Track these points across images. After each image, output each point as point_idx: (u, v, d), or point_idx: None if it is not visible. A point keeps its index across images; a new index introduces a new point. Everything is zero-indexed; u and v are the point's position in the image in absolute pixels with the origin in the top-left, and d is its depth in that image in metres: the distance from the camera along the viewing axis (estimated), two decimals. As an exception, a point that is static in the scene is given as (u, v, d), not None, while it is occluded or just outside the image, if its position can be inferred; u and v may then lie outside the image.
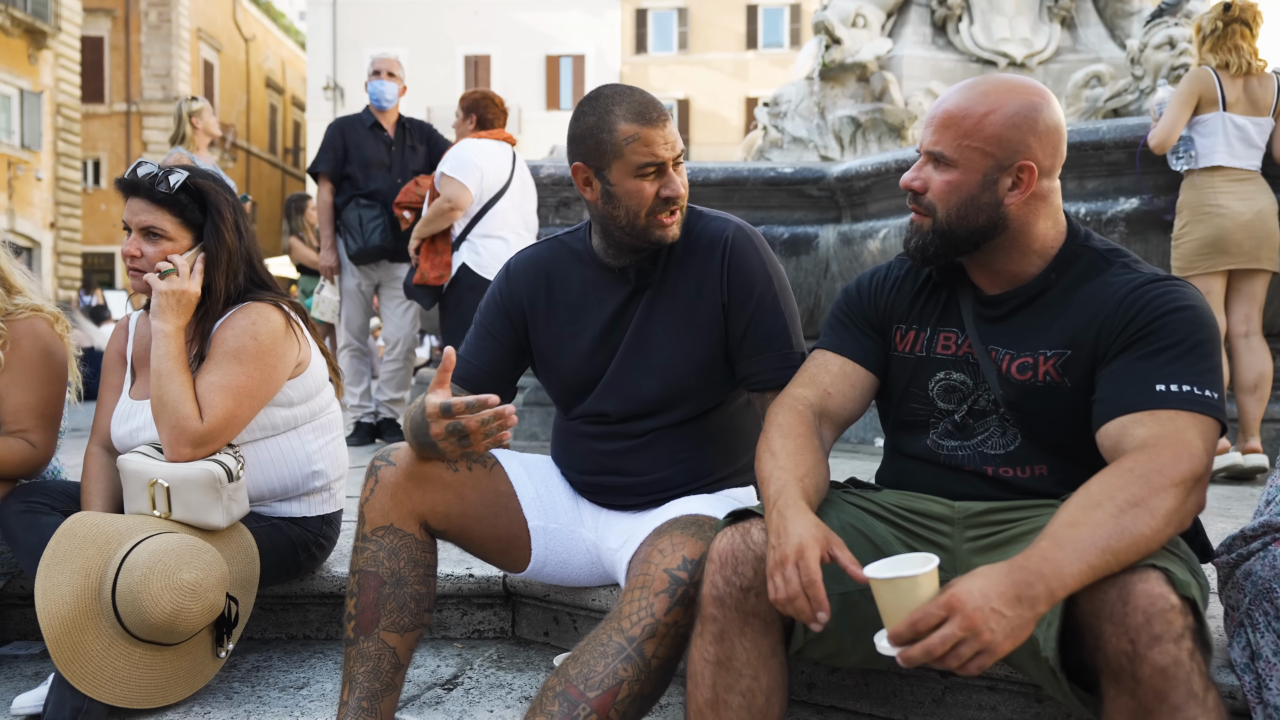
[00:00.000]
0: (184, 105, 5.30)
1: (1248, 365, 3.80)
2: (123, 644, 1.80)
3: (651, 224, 1.74)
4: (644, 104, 1.72)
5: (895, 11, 7.09)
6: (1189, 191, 3.79)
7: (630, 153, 1.69)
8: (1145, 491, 1.24)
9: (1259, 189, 3.74)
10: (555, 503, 1.92)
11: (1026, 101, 1.47)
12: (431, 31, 28.14)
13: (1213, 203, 3.70)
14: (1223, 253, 3.70)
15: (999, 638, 1.14)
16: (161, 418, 1.93)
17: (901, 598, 1.20)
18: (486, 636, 2.31)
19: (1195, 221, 3.75)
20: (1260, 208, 3.71)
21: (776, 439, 1.52)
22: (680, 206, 1.76)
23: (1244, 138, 3.73)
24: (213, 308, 2.06)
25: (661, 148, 1.70)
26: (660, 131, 1.70)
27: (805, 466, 1.48)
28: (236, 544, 1.98)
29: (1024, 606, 1.15)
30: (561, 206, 5.17)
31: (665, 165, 1.71)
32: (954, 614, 1.14)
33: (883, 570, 1.25)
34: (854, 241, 4.76)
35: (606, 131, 1.71)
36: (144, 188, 2.03)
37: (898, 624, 1.18)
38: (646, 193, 1.71)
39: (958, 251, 1.54)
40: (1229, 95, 3.74)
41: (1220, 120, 3.73)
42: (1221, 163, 3.71)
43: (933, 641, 1.14)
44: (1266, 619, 1.43)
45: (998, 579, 1.17)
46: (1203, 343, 1.39)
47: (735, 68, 28.42)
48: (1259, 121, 3.76)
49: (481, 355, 1.90)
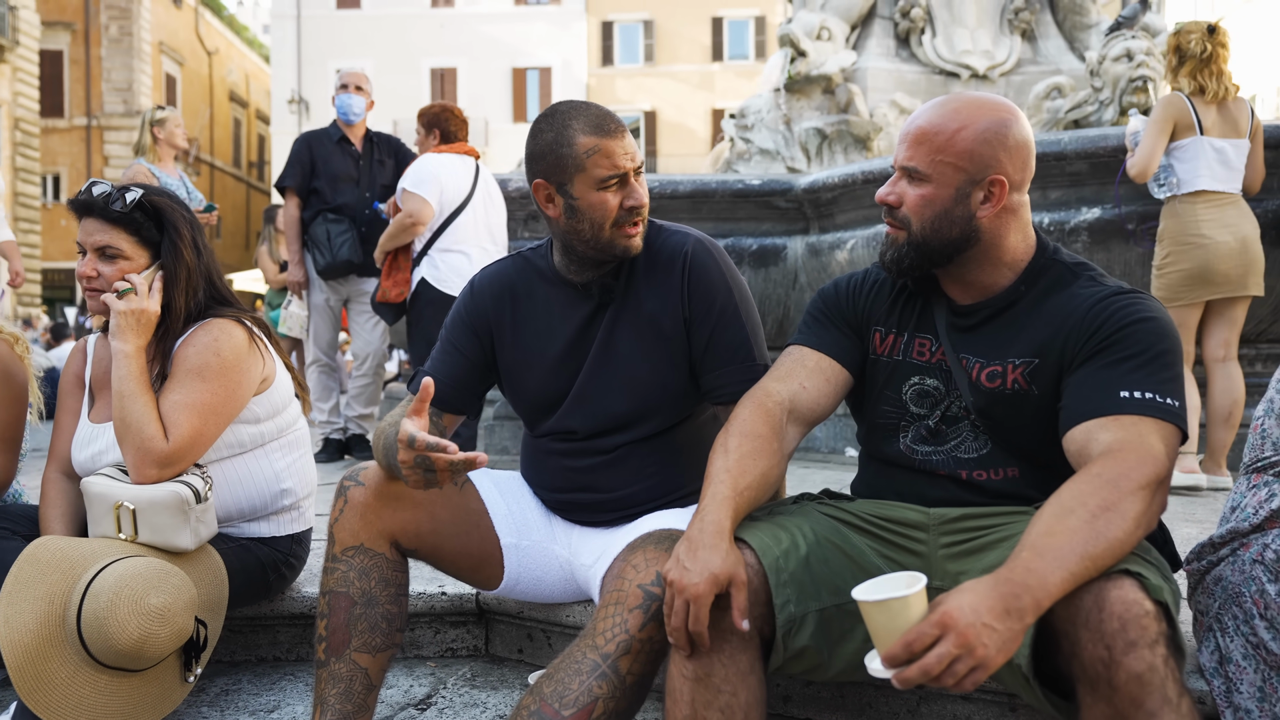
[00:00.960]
0: (147, 114, 5.13)
1: (1223, 391, 3.71)
2: (88, 671, 1.76)
3: (616, 235, 1.73)
4: (601, 116, 1.72)
5: (859, 24, 7.16)
6: (1171, 220, 3.71)
7: (592, 165, 1.69)
8: (1115, 496, 1.27)
9: (1241, 214, 3.66)
10: (527, 519, 1.90)
11: (997, 118, 1.52)
12: (397, 44, 28.06)
13: (1196, 233, 3.62)
14: (1207, 284, 3.62)
15: (992, 652, 1.15)
16: (125, 439, 1.90)
17: (893, 619, 1.20)
18: (460, 655, 2.29)
19: (1179, 253, 3.66)
20: (1244, 234, 3.62)
21: (735, 437, 1.53)
22: (643, 217, 1.76)
23: (1224, 161, 3.66)
24: (173, 326, 2.03)
25: (622, 158, 1.70)
26: (620, 143, 1.71)
27: (752, 475, 1.49)
28: (204, 566, 1.95)
29: (1013, 619, 1.16)
30: (530, 220, 5.16)
31: (627, 176, 1.72)
32: (948, 632, 1.15)
33: (871, 592, 1.24)
34: (822, 252, 4.79)
35: (566, 146, 1.70)
36: (98, 207, 1.99)
37: (891, 645, 1.18)
38: (610, 204, 1.71)
39: (932, 264, 1.58)
40: (1204, 119, 3.67)
41: (1199, 145, 3.65)
42: (1205, 187, 3.63)
43: (929, 661, 1.14)
44: (1236, 623, 1.46)
45: (985, 593, 1.17)
46: (1165, 353, 1.44)
47: (701, 79, 28.58)
48: (1237, 144, 3.69)
49: (448, 370, 1.89)
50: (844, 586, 1.46)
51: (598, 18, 28.86)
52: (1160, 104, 3.74)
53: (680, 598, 1.34)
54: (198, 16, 30.61)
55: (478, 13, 28.64)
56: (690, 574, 1.34)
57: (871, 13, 7.13)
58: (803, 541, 1.48)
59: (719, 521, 1.41)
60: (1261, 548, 1.45)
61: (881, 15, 7.10)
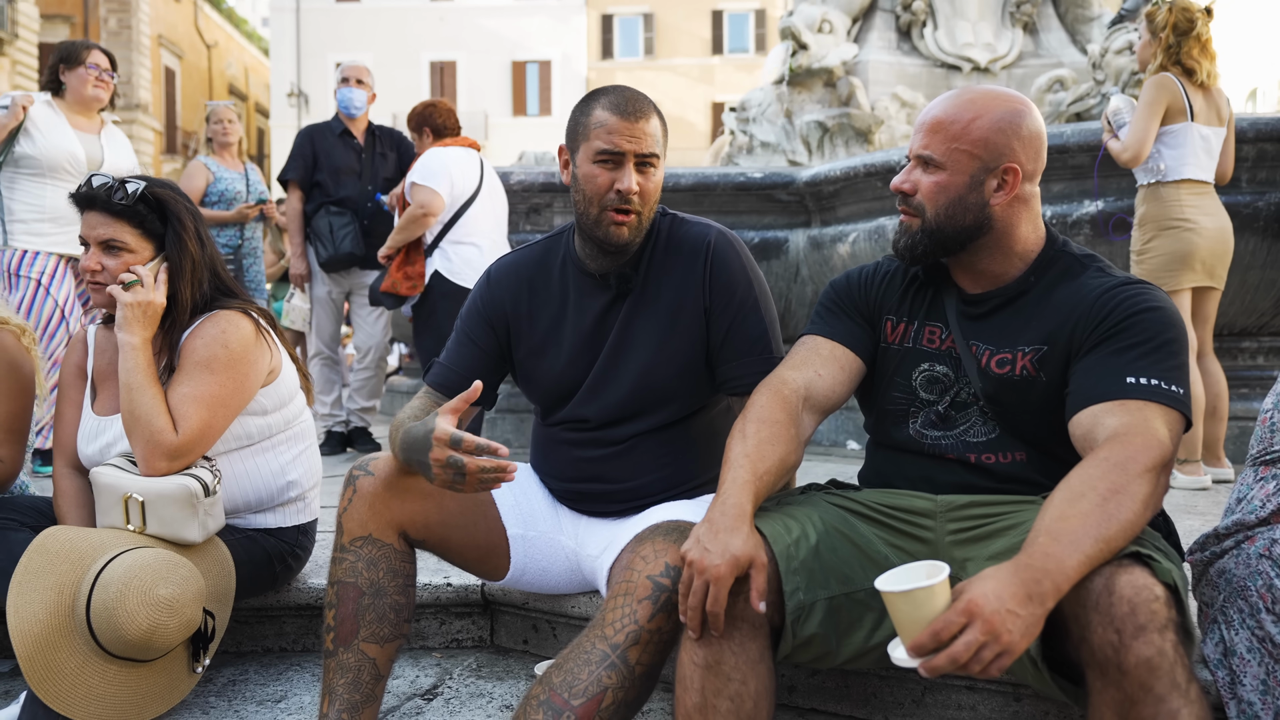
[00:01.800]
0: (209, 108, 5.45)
1: (1205, 387, 3.61)
2: (97, 661, 1.77)
3: (603, 218, 1.73)
4: (627, 99, 1.73)
5: (861, 17, 7.16)
6: (1153, 204, 3.57)
7: (594, 136, 1.71)
8: (1123, 479, 1.29)
9: (1217, 204, 3.57)
10: (534, 510, 1.91)
11: (1010, 108, 1.55)
12: (397, 38, 28.01)
13: (1180, 216, 3.50)
14: (1189, 268, 3.51)
15: (1016, 637, 1.16)
16: (134, 432, 1.90)
17: (918, 608, 1.21)
18: (465, 646, 2.30)
19: (1162, 235, 3.53)
20: (1222, 224, 3.54)
21: (752, 423, 1.55)
22: (635, 209, 1.73)
23: (1208, 149, 3.55)
24: (179, 318, 2.03)
25: (624, 139, 1.70)
26: (629, 125, 1.70)
27: (771, 460, 1.50)
28: (212, 558, 1.95)
29: (1035, 604, 1.18)
30: (532, 213, 5.16)
31: (624, 157, 1.71)
32: (974, 619, 1.16)
33: (894, 582, 1.25)
34: (824, 245, 4.79)
35: (585, 115, 1.74)
36: (100, 200, 1.99)
37: (919, 635, 1.19)
38: (600, 181, 1.71)
39: (945, 251, 1.60)
40: (1194, 104, 3.54)
41: (1189, 131, 3.51)
42: (1191, 175, 3.51)
43: (957, 649, 1.16)
44: (1241, 616, 1.46)
45: (1008, 580, 1.19)
46: (1170, 341, 1.46)
47: (701, 73, 28.55)
48: (1219, 132, 3.58)
49: (463, 361, 1.89)
50: (852, 575, 1.47)
51: (598, 11, 28.82)
52: (1152, 85, 3.54)
53: (700, 578, 1.35)
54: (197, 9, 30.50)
55: (477, 6, 28.59)
56: (711, 555, 1.35)
57: (873, 6, 7.13)
58: (812, 531, 1.49)
59: (740, 504, 1.42)
60: (1269, 542, 1.45)
61: (883, 8, 7.10)
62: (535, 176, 5.14)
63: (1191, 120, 3.52)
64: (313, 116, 25.72)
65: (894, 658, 1.24)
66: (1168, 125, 3.52)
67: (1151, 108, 3.48)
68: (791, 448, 1.55)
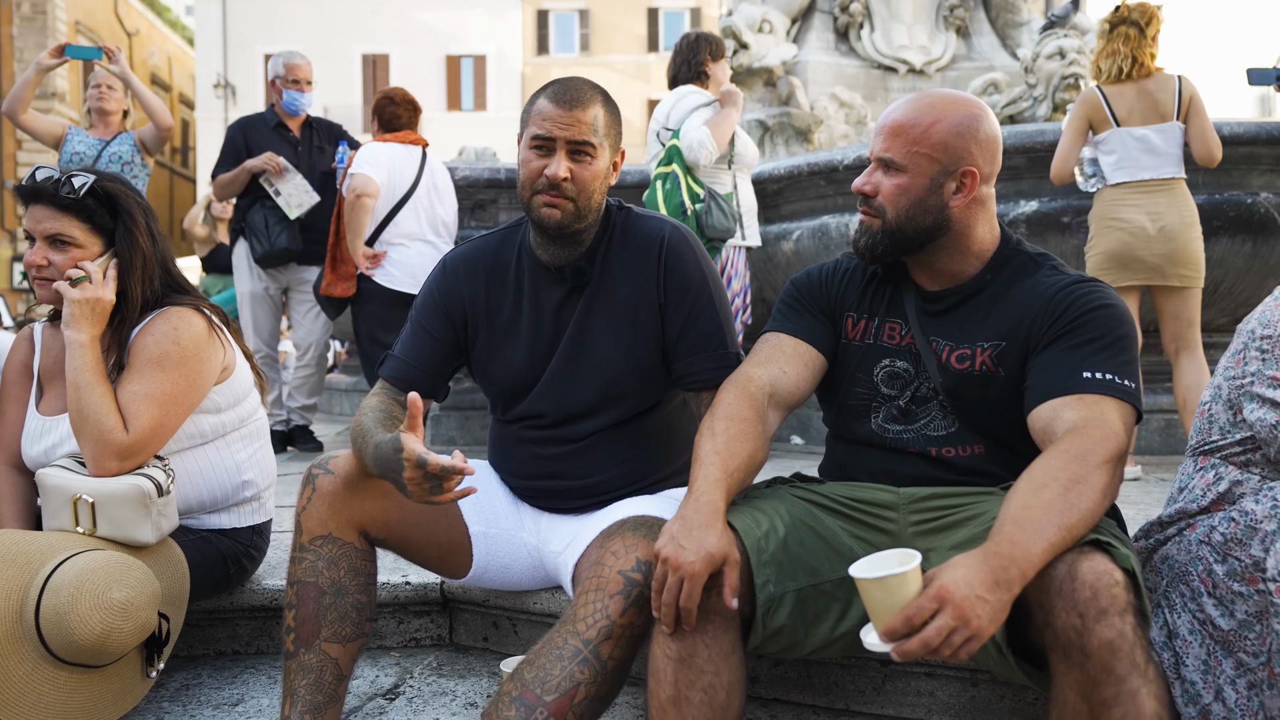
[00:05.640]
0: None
1: (1182, 383, 3.64)
2: (47, 668, 1.71)
3: (534, 201, 1.74)
4: (568, 87, 1.74)
5: (800, 18, 7.26)
6: (1097, 205, 3.74)
7: (532, 123, 1.74)
8: (1083, 470, 1.34)
9: (1171, 201, 3.59)
10: (495, 507, 1.91)
11: (968, 113, 1.61)
12: (327, 29, 27.46)
13: (1115, 215, 3.63)
14: (1124, 267, 3.60)
15: (985, 622, 1.21)
16: (83, 432, 1.85)
17: (891, 595, 1.24)
18: (424, 644, 2.28)
19: (1099, 234, 3.68)
20: (1166, 223, 3.56)
21: (721, 420, 1.57)
22: (568, 195, 1.72)
23: (1147, 148, 3.61)
24: (129, 315, 1.98)
25: (556, 126, 1.71)
26: (564, 113, 1.71)
27: (740, 457, 1.53)
28: (165, 559, 1.91)
29: (1002, 590, 1.22)
30: (476, 209, 5.12)
31: (555, 144, 1.71)
32: (945, 605, 1.20)
33: (868, 570, 1.29)
34: (768, 243, 4.84)
35: (531, 103, 1.77)
36: (47, 193, 1.93)
37: (891, 620, 1.23)
38: (533, 166, 1.73)
39: (904, 251, 1.64)
40: (1119, 109, 3.66)
41: (1118, 136, 3.64)
42: (1123, 179, 3.63)
43: (928, 633, 1.20)
44: (1183, 600, 1.53)
45: (976, 567, 1.23)
46: (1122, 337, 1.53)
47: (637, 70, 28.56)
48: (1162, 128, 3.61)
49: (418, 354, 1.87)
50: (819, 567, 1.51)
51: (533, 6, 28.65)
52: (1075, 104, 3.75)
53: (675, 574, 1.37)
54: (116, -4, 29.57)
55: (410, -2, 28.20)
56: (686, 552, 1.37)
57: (812, 7, 7.23)
58: (780, 524, 1.52)
59: (714, 502, 1.44)
60: (1208, 529, 1.52)
61: (821, 9, 7.20)
62: (480, 173, 5.10)
63: (1117, 125, 3.64)
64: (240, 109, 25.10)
65: (866, 643, 1.27)
66: (1099, 135, 3.70)
67: (1072, 125, 3.71)
68: (759, 444, 1.58)
